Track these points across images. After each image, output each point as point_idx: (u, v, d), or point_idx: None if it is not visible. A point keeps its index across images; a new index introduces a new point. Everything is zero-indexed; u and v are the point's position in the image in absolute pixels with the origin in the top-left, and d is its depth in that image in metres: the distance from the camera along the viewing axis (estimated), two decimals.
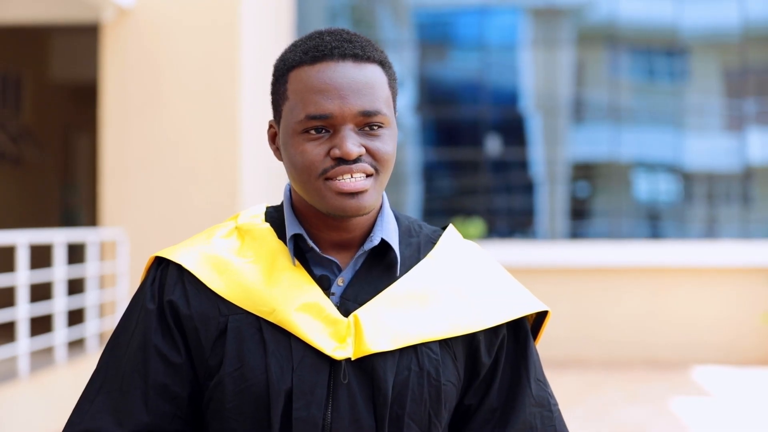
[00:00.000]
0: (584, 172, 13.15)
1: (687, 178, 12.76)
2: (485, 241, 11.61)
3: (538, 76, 13.02)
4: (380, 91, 1.55)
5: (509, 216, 12.92)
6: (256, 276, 1.58)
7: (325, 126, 1.52)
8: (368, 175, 1.53)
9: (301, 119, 1.53)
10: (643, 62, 12.94)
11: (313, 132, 1.52)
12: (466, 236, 11.76)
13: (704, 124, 12.74)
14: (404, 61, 12.84)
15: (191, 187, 8.47)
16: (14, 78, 11.47)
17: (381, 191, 1.56)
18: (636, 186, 12.95)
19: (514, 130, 13.02)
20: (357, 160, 1.52)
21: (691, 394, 9.02)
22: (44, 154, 11.97)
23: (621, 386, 9.48)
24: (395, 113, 1.61)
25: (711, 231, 12.46)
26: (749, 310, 11.02)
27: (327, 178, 1.52)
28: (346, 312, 1.56)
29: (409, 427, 1.54)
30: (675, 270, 11.24)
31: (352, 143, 1.51)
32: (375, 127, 1.54)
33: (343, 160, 1.51)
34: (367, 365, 1.54)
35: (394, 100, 1.60)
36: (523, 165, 13.04)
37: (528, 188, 12.96)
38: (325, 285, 1.57)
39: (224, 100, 8.47)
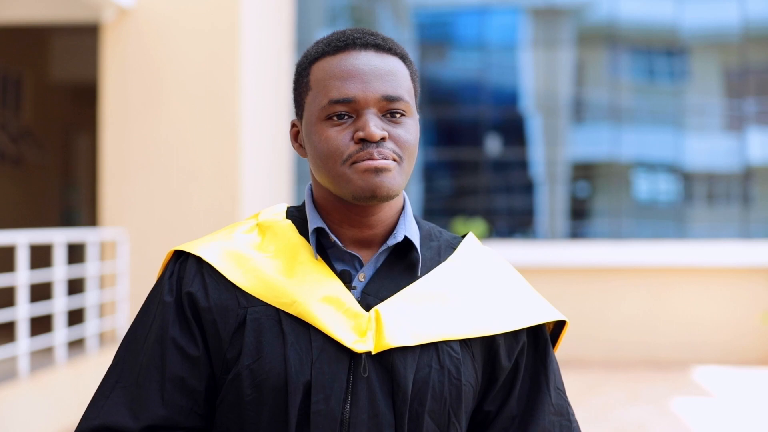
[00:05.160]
0: (584, 172, 13.15)
1: (687, 178, 12.75)
2: (485, 241, 11.61)
3: (538, 76, 13.02)
4: (402, 80, 1.56)
5: (509, 216, 12.92)
6: (277, 269, 1.57)
7: (348, 111, 1.52)
8: (391, 160, 1.53)
9: (324, 105, 1.53)
10: (643, 62, 12.93)
11: (335, 118, 1.53)
12: None
13: (704, 124, 12.74)
14: None
15: (191, 188, 8.46)
16: (14, 78, 11.47)
17: (405, 179, 1.55)
18: (636, 186, 12.95)
19: (514, 130, 13.01)
20: (380, 143, 1.51)
21: (692, 394, 9.02)
22: (44, 154, 11.97)
23: (621, 386, 9.47)
24: (417, 109, 1.60)
25: (711, 231, 12.46)
26: (749, 310, 11.01)
27: (353, 163, 1.51)
28: (367, 307, 1.55)
29: (428, 424, 1.53)
30: (675, 270, 11.24)
31: (375, 125, 1.51)
32: (397, 115, 1.54)
33: (366, 142, 1.51)
34: (387, 360, 1.52)
35: (416, 95, 1.60)
36: (523, 165, 13.03)
37: (528, 188, 12.96)
38: (346, 280, 1.56)
39: (224, 101, 8.46)
